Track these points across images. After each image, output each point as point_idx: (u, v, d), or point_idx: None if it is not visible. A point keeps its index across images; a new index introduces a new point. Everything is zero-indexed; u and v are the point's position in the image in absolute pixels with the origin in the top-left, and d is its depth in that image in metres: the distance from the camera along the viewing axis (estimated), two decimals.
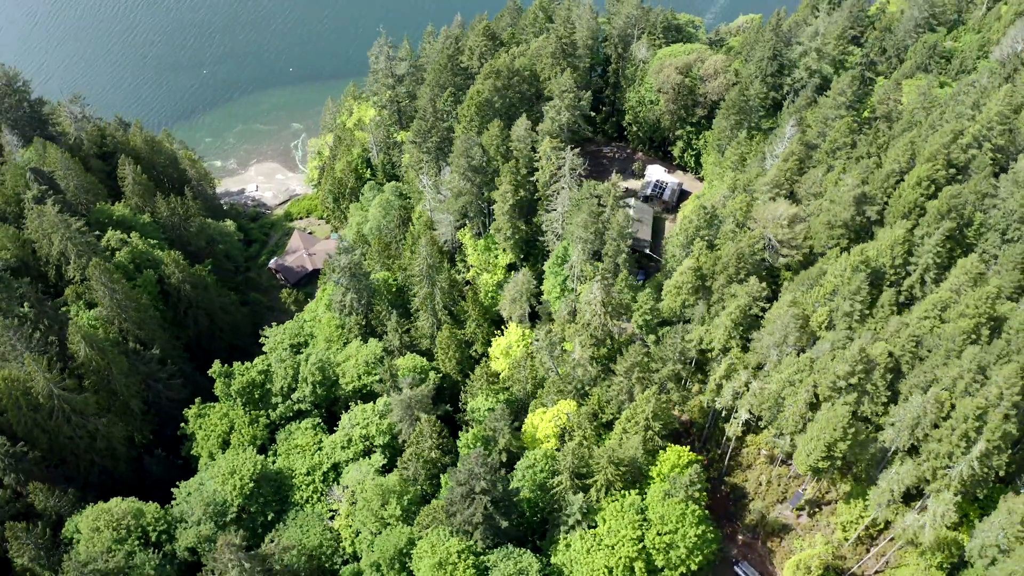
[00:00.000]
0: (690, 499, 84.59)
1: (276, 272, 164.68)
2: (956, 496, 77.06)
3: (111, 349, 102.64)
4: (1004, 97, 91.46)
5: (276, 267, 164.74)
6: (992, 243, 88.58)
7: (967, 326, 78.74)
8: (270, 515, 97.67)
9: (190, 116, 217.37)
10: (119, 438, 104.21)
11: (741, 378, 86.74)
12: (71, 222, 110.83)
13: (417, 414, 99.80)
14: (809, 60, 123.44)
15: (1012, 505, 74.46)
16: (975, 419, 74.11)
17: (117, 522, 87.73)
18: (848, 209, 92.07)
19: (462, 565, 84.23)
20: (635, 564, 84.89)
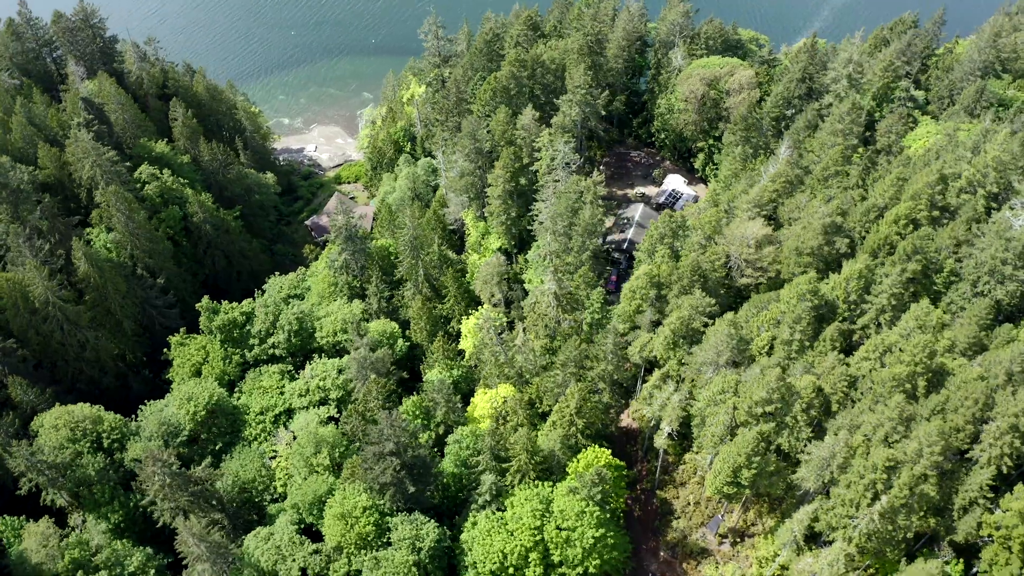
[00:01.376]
0: (592, 499, 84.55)
1: (311, 229, 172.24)
2: (856, 549, 74.25)
3: (111, 269, 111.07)
4: (1002, 142, 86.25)
5: (311, 225, 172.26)
6: (961, 293, 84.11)
7: (900, 373, 75.42)
8: (220, 445, 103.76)
9: (270, 72, 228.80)
10: (108, 352, 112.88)
11: (668, 390, 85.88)
12: (103, 150, 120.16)
13: (369, 375, 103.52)
14: (839, 87, 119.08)
15: (914, 571, 71.36)
16: (883, 471, 71.25)
17: (76, 423, 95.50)
18: (817, 237, 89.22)
19: (364, 520, 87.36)
20: (531, 554, 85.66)
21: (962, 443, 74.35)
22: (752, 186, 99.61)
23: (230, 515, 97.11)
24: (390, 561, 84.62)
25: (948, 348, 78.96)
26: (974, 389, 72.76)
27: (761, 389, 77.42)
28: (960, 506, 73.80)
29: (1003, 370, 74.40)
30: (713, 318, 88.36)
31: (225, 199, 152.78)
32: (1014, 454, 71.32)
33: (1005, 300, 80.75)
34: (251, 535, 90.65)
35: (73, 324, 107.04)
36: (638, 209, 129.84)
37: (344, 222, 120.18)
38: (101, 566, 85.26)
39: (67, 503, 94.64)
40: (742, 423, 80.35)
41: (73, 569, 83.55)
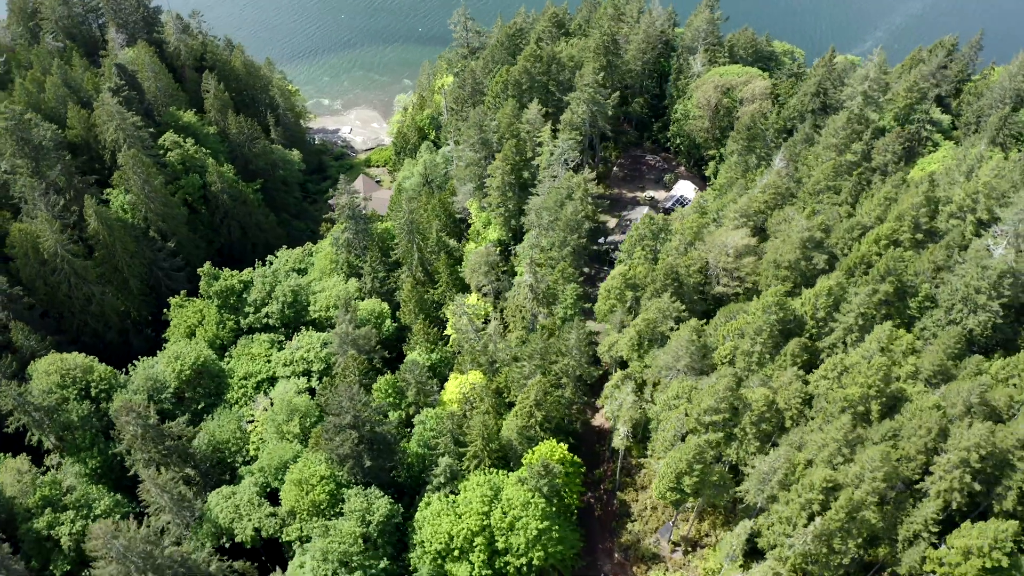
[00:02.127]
0: (538, 491, 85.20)
1: (333, 208, 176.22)
2: (790, 569, 73.40)
3: (120, 228, 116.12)
4: (994, 168, 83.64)
5: (334, 204, 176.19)
6: (935, 320, 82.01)
7: (853, 395, 74.10)
8: (203, 404, 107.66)
9: (318, 54, 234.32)
10: (113, 308, 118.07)
11: (625, 391, 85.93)
12: (127, 115, 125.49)
13: (350, 350, 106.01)
14: (854, 104, 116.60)
15: None
16: (820, 491, 70.25)
17: (67, 371, 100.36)
18: (795, 251, 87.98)
19: (319, 488, 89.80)
20: (476, 538, 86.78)
21: (913, 473, 72.73)
22: (737, 193, 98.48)
23: (203, 472, 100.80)
24: (338, 530, 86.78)
25: (911, 374, 77.23)
26: (927, 418, 71.11)
27: (710, 397, 76.95)
28: (905, 538, 72.25)
29: (962, 401, 72.56)
30: (681, 323, 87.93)
31: (249, 172, 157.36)
32: (964, 490, 69.50)
33: (977, 330, 78.46)
34: (214, 492, 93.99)
35: (80, 278, 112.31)
36: (642, 212, 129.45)
37: (348, 201, 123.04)
38: (69, 505, 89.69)
39: (53, 446, 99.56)
40: (691, 430, 80.00)
41: (43, 505, 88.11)
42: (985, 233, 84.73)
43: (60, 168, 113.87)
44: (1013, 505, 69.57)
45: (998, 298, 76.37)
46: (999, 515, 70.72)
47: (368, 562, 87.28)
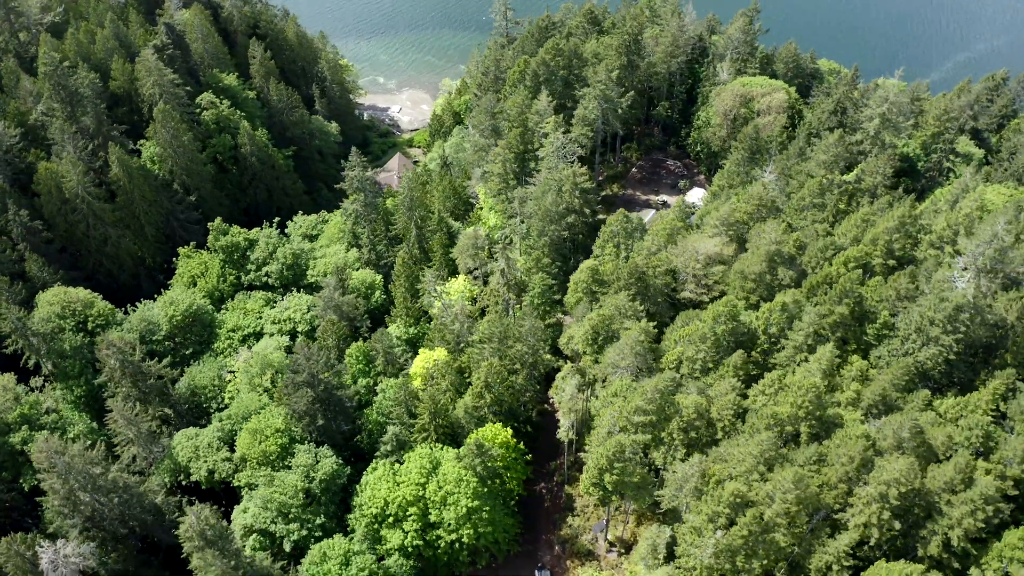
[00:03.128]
0: (472, 469, 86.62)
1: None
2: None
3: (141, 176, 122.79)
4: (975, 199, 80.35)
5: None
6: (891, 349, 79.54)
7: (781, 413, 72.86)
8: (191, 350, 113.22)
9: (379, 33, 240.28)
10: (127, 251, 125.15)
11: (570, 383, 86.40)
12: (165, 72, 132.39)
13: (331, 315, 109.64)
14: (871, 126, 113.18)
15: None
16: (727, 506, 69.47)
17: (68, 303, 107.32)
18: (760, 263, 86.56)
19: (271, 439, 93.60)
20: (411, 508, 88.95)
21: (834, 501, 71.07)
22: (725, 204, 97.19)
23: (179, 414, 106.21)
24: (282, 482, 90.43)
25: (852, 401, 75.30)
26: (851, 447, 69.35)
27: (640, 398, 76.82)
28: (818, 568, 70.66)
29: (892, 433, 70.46)
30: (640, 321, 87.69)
31: (286, 139, 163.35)
32: (884, 526, 67.55)
33: (928, 364, 75.77)
34: (180, 433, 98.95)
35: (98, 219, 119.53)
36: (648, 215, 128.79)
37: (358, 174, 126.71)
38: (46, 425, 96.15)
39: (49, 372, 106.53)
40: (622, 428, 79.96)
41: (21, 421, 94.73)
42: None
43: (93, 115, 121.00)
44: (939, 551, 67.29)
45: (953, 333, 73.53)
46: (924, 560, 68.62)
47: (306, 516, 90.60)
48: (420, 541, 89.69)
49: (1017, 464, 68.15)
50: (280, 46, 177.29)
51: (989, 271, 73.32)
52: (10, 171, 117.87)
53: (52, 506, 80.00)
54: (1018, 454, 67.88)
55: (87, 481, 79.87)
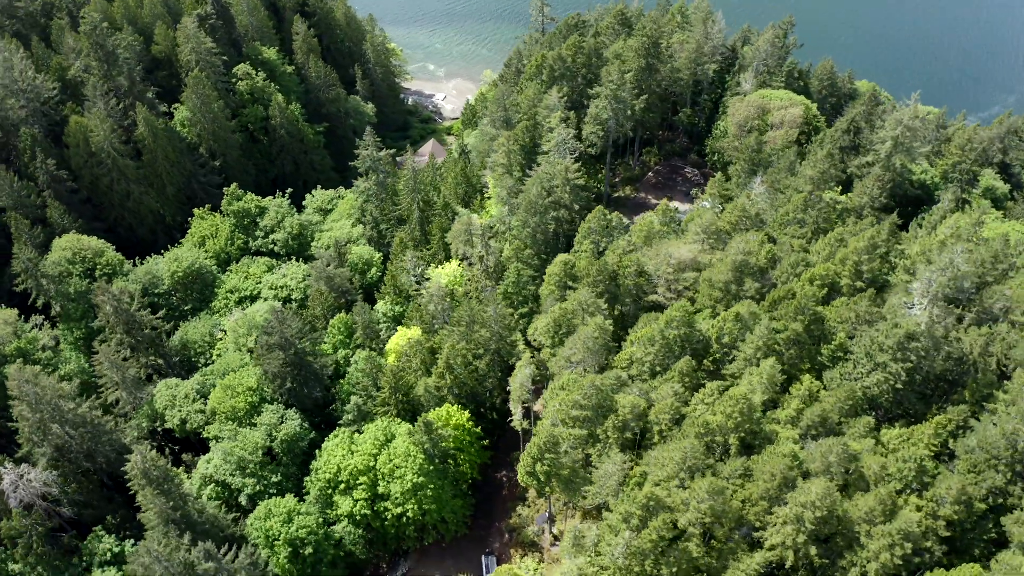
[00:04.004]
0: (419, 445, 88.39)
1: (397, 165, 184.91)
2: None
3: (165, 137, 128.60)
4: (950, 226, 77.82)
5: (399, 161, 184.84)
6: (843, 372, 77.82)
7: (711, 422, 72.27)
8: (190, 306, 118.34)
9: (437, 21, 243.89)
10: (148, 207, 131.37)
11: (523, 372, 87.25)
12: (203, 40, 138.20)
13: (322, 286, 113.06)
14: (882, 148, 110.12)
15: None
16: (640, 507, 69.29)
17: (80, 250, 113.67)
18: (727, 273, 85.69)
19: (242, 396, 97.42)
20: (361, 476, 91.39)
21: (756, 518, 70.20)
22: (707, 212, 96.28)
23: (170, 365, 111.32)
24: (245, 437, 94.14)
25: (791, 419, 74.11)
26: (775, 464, 68.30)
27: (578, 392, 77.23)
28: None
29: (820, 456, 69.17)
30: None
31: (321, 115, 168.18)
32: (800, 551, 66.42)
33: (874, 391, 73.89)
34: (163, 382, 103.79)
35: (121, 173, 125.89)
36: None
37: (370, 154, 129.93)
38: (39, 360, 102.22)
39: (56, 313, 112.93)
40: (561, 421, 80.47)
41: (17, 354, 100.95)
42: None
43: (127, 75, 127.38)
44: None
45: (903, 361, 71.50)
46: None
47: (263, 472, 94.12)
48: (368, 511, 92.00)
49: (950, 504, 65.98)
50: (329, 25, 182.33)
51: (943, 299, 70.93)
52: (46, 122, 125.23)
53: (23, 433, 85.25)
54: (952, 494, 65.66)
55: (56, 413, 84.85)
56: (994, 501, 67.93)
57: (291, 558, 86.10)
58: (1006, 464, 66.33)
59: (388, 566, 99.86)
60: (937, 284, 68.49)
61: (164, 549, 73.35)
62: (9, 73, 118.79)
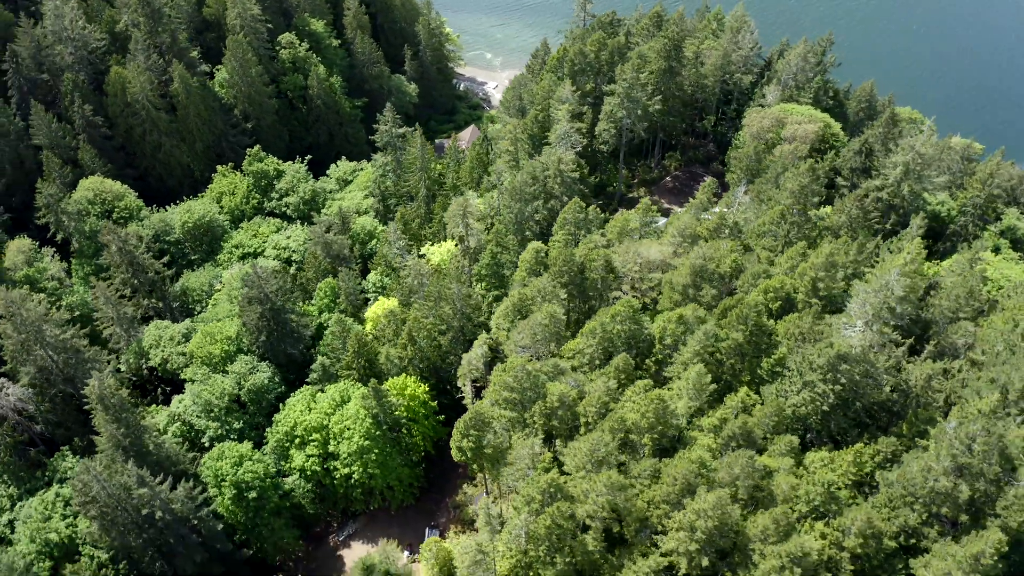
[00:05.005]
0: (368, 410, 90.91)
1: (436, 148, 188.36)
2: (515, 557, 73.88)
3: (199, 95, 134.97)
4: (914, 250, 75.19)
5: (438, 144, 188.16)
6: (779, 388, 76.37)
7: (625, 418, 72.23)
8: (197, 256, 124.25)
9: (504, 10, 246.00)
10: (177, 160, 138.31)
11: (475, 352, 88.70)
12: (249, 7, 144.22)
13: (317, 251, 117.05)
14: (892, 174, 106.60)
15: None
16: (541, 493, 69.90)
17: (101, 192, 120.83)
18: (685, 277, 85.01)
19: (220, 345, 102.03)
20: (315, 434, 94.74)
21: (658, 521, 69.92)
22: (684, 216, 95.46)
23: (170, 309, 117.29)
24: (215, 382, 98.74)
25: (714, 427, 73.22)
26: (679, 468, 67.76)
27: (509, 374, 78.21)
28: None
29: (727, 467, 68.28)
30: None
31: (363, 91, 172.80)
32: (692, 559, 65.91)
33: (802, 410, 72.30)
34: (154, 323, 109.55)
35: (154, 125, 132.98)
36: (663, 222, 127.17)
37: (388, 130, 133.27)
38: (45, 288, 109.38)
39: (74, 248, 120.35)
40: (495, 402, 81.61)
41: (24, 281, 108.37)
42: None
43: (170, 33, 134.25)
44: None
45: (832, 382, 69.77)
46: None
47: (227, 418, 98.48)
48: (319, 467, 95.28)
49: (855, 536, 64.15)
50: (385, 4, 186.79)
51: (892, 327, 68.85)
52: (91, 71, 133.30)
53: (7, 351, 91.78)
54: (857, 525, 63.80)
55: (39, 336, 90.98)
56: (906, 540, 65.75)
57: (235, 500, 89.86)
58: (923, 504, 63.98)
59: (338, 526, 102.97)
60: (871, 306, 66.48)
61: (104, 470, 78.07)
62: (59, 21, 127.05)
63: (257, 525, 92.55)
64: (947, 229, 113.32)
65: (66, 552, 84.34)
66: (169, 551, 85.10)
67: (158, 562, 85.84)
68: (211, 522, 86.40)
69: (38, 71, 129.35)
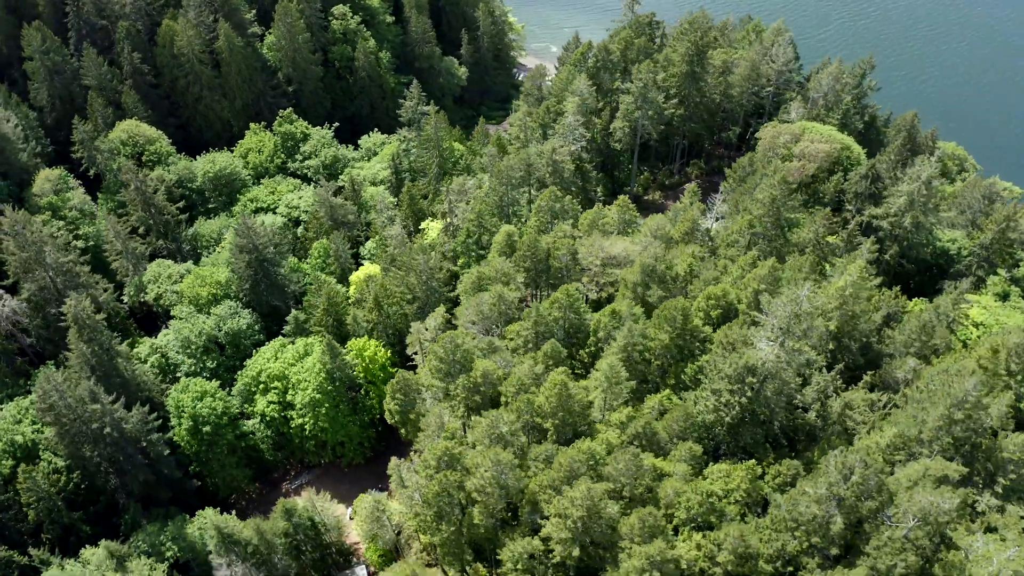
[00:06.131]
0: (323, 365, 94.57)
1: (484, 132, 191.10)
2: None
3: (242, 54, 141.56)
4: (856, 273, 73.20)
5: (484, 128, 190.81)
6: (696, 395, 75.76)
7: (533, 400, 73.30)
8: (216, 205, 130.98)
9: (581, 6, 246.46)
10: (216, 114, 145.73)
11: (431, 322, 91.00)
12: None
13: (321, 212, 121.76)
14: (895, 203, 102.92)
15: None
16: (435, 459, 71.72)
17: (134, 134, 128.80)
18: (636, 274, 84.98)
19: (208, 288, 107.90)
20: (276, 382, 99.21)
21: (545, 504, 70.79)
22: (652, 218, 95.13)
23: (179, 250, 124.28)
24: (197, 321, 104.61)
25: (620, 424, 73.28)
26: (564, 456, 68.06)
27: (439, 345, 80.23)
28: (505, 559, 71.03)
29: (614, 461, 68.45)
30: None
31: (413, 69, 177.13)
32: (565, 547, 66.35)
33: (709, 418, 71.61)
34: (157, 261, 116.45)
35: (197, 78, 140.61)
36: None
37: (413, 106, 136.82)
38: (65, 216, 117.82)
39: (104, 184, 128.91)
40: (429, 370, 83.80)
41: (48, 207, 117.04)
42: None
43: None
44: None
45: (739, 394, 68.92)
46: None
47: (202, 356, 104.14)
48: (277, 415, 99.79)
49: (727, 551, 63.44)
50: None
51: (790, 337, 67.31)
52: (147, 21, 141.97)
53: (11, 266, 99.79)
54: (730, 541, 63.06)
55: (40, 256, 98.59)
56: (783, 567, 64.53)
57: (191, 431, 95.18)
58: (804, 532, 62.62)
59: (295, 475, 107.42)
60: (779, 320, 65.26)
61: (64, 382, 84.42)
62: None
63: (210, 459, 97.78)
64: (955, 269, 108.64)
65: (28, 454, 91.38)
66: (120, 469, 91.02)
67: (111, 477, 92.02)
68: (160, 447, 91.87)
69: (98, 16, 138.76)
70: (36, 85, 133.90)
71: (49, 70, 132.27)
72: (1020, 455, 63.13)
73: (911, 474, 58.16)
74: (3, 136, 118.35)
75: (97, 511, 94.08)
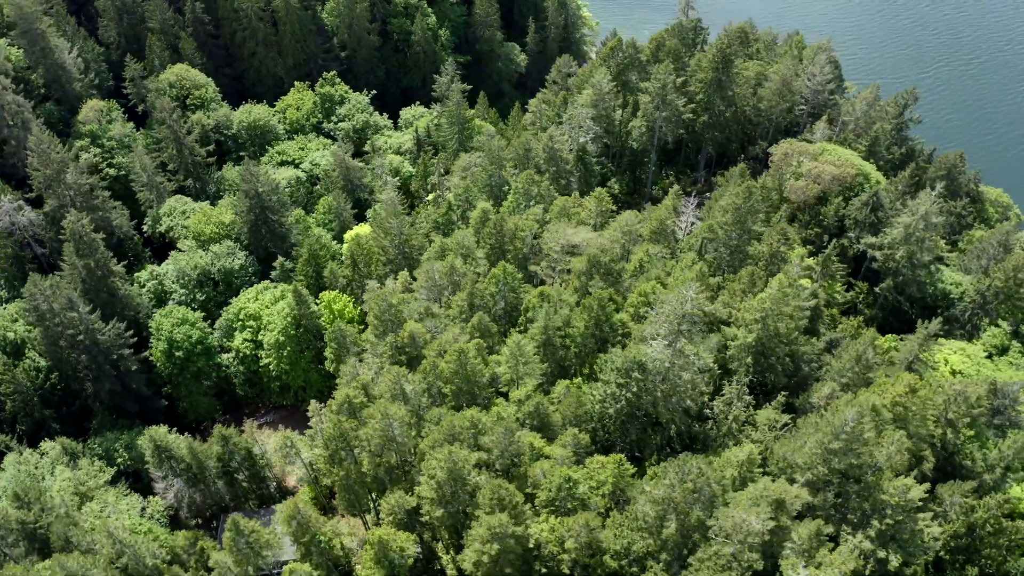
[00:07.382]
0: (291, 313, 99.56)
1: None
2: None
3: (295, 18, 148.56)
4: (776, 287, 71.71)
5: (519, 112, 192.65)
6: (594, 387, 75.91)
7: (442, 371, 75.41)
8: (246, 154, 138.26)
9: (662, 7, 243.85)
10: (268, 68, 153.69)
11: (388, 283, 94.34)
12: None
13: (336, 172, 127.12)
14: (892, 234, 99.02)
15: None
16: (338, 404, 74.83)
17: (181, 79, 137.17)
18: (583, 263, 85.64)
19: (212, 227, 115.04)
20: (251, 320, 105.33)
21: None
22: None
23: (205, 190, 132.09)
24: (195, 256, 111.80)
25: (517, 401, 74.49)
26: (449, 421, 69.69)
27: (375, 305, 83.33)
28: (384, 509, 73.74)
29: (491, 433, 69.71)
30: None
31: (473, 50, 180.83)
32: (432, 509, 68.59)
33: (596, 409, 71.89)
34: (176, 196, 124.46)
35: (253, 34, 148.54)
36: None
37: (446, 82, 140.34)
38: (103, 146, 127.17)
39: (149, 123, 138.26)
40: (370, 328, 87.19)
41: (89, 134, 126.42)
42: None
43: None
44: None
45: (624, 388, 69.02)
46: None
47: (193, 288, 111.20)
48: (250, 352, 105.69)
49: (572, 537, 63.72)
50: None
51: (679, 338, 66.70)
52: None
53: (35, 181, 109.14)
54: (575, 529, 63.32)
55: (60, 174, 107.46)
56: (628, 566, 64.33)
57: (165, 353, 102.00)
58: (647, 533, 62.42)
59: (263, 413, 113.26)
60: (664, 316, 64.84)
61: (48, 288, 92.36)
62: None
63: (180, 383, 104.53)
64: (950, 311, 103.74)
65: (16, 351, 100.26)
66: (95, 377, 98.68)
67: (87, 384, 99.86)
68: (130, 361, 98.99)
69: None
70: (105, 23, 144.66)
71: (118, 9, 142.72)
72: (899, 500, 60.53)
73: (752, 493, 57.02)
74: (60, 64, 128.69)
75: (71, 413, 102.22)
